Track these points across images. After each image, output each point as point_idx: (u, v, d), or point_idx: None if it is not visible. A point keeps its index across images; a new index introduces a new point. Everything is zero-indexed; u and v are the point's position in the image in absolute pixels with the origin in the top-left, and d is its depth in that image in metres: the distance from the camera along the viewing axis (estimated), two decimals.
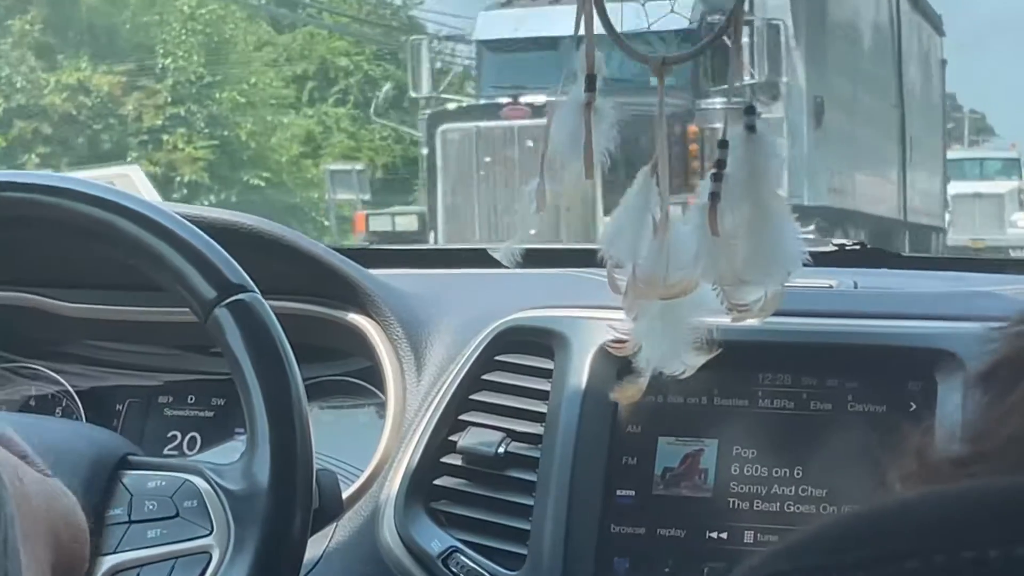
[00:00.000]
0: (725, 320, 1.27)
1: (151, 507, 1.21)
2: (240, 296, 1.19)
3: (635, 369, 1.28)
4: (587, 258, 1.65)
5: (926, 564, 0.37)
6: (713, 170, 1.21)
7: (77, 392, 1.65)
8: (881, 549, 0.38)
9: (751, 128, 1.20)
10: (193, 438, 1.62)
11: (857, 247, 1.81)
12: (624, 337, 1.31)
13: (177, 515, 1.20)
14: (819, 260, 1.33)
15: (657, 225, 1.23)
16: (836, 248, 1.80)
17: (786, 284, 1.25)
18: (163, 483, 1.22)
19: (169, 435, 1.63)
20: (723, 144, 1.21)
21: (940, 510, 0.39)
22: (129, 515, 1.21)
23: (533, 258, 1.61)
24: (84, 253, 1.48)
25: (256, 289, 1.20)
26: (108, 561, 1.18)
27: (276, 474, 1.15)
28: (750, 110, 1.21)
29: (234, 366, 1.18)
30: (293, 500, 1.15)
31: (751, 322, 1.29)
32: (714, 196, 1.20)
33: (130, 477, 1.23)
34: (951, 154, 27.93)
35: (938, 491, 0.42)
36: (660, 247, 1.22)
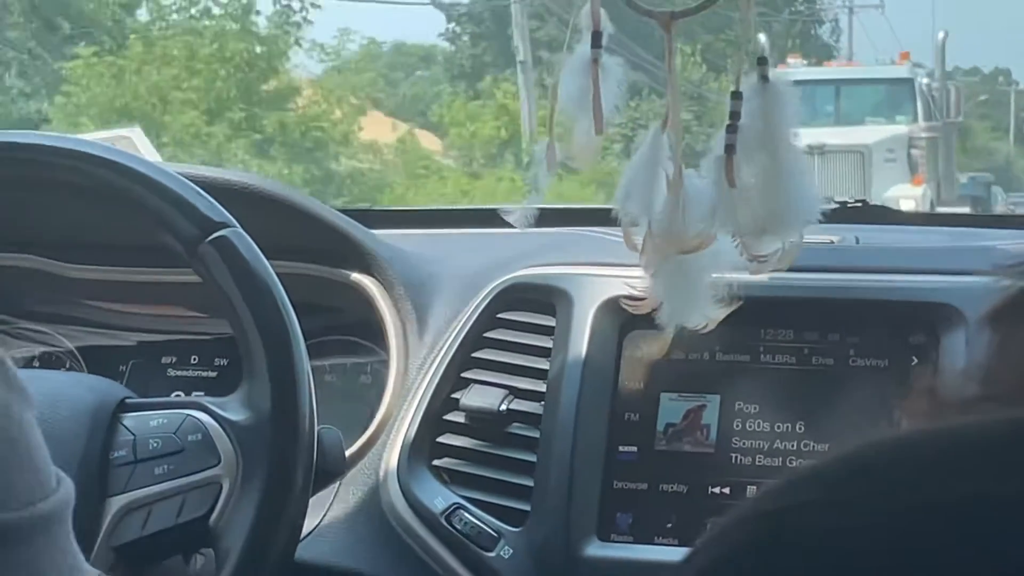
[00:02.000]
0: (742, 274, 1.28)
1: (155, 445, 1.21)
2: (223, 232, 1.20)
3: (656, 324, 1.28)
4: (591, 217, 1.66)
5: (927, 498, 0.37)
6: (728, 121, 1.21)
7: (81, 353, 1.66)
8: (882, 484, 0.38)
9: (764, 78, 1.20)
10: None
11: (859, 204, 1.81)
12: (641, 294, 1.31)
13: (183, 450, 1.21)
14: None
15: (670, 180, 1.23)
16: (838, 205, 1.80)
17: (804, 235, 1.26)
18: (165, 421, 1.23)
19: (173, 395, 1.63)
20: (737, 95, 1.21)
21: (944, 445, 0.39)
22: (134, 455, 1.21)
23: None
24: (85, 215, 1.48)
25: (238, 225, 1.21)
26: (117, 501, 1.19)
27: (277, 400, 1.16)
28: (762, 60, 1.20)
29: (224, 300, 1.19)
30: (297, 423, 1.16)
31: (768, 275, 1.30)
32: (730, 148, 1.20)
33: (131, 419, 1.24)
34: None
35: (941, 426, 0.42)
36: (675, 202, 1.22)
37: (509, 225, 1.54)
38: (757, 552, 0.39)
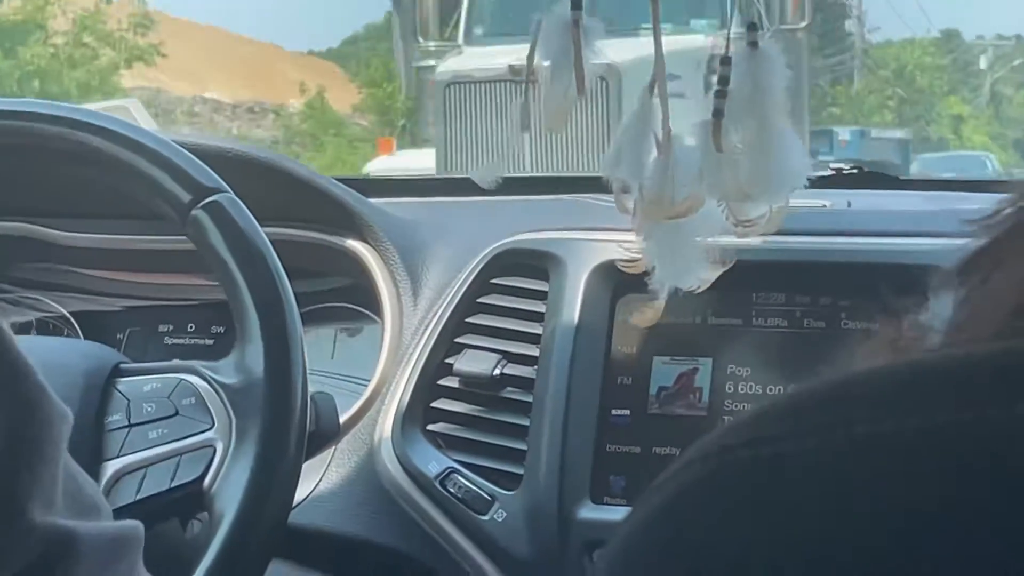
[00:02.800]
0: (731, 238, 1.28)
1: (149, 409, 1.22)
2: (215, 197, 1.20)
3: (649, 290, 1.29)
4: (583, 185, 1.66)
5: (875, 431, 0.37)
6: (717, 87, 1.21)
7: (77, 322, 1.66)
8: (833, 416, 0.38)
9: (754, 44, 1.20)
10: None
11: (855, 171, 1.81)
12: (636, 256, 1.31)
13: (176, 414, 1.21)
14: (815, 184, 1.33)
15: (660, 144, 1.23)
16: (834, 172, 1.80)
17: (790, 200, 1.26)
18: (159, 385, 1.24)
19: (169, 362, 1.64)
20: (726, 60, 1.21)
21: (914, 374, 0.39)
22: (128, 419, 1.22)
23: (530, 186, 1.62)
24: (77, 183, 1.48)
25: (231, 190, 1.21)
26: (112, 466, 1.20)
27: (270, 363, 1.16)
28: (752, 26, 1.20)
29: (217, 265, 1.19)
30: (289, 386, 1.16)
31: (760, 238, 1.30)
32: (718, 113, 1.20)
33: (125, 383, 1.25)
34: None
35: (910, 359, 0.43)
36: (664, 166, 1.22)
37: (504, 193, 1.55)
38: (718, 485, 0.40)
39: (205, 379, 1.22)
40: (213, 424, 1.20)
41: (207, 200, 1.20)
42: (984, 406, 0.36)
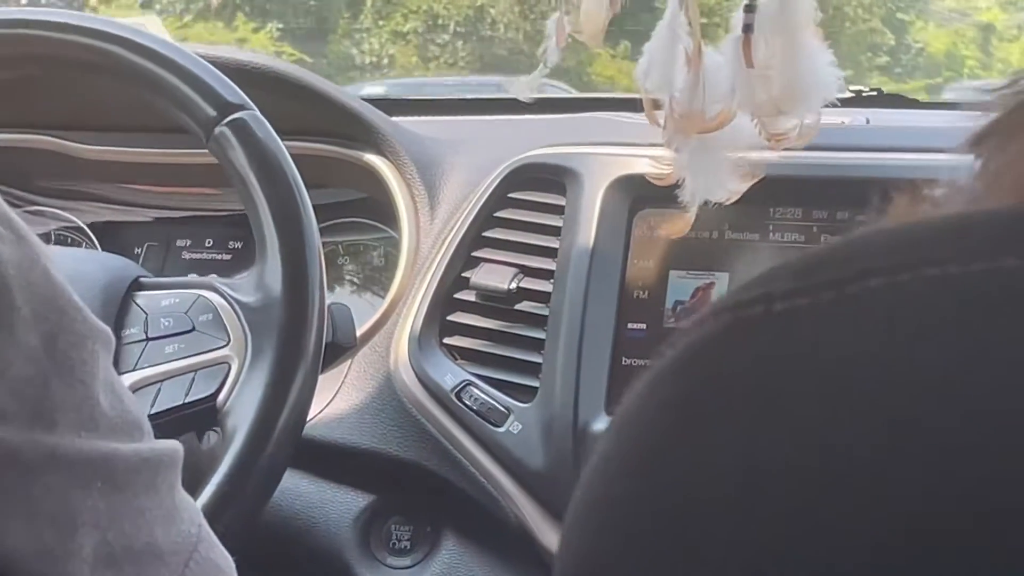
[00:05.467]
0: (761, 152, 1.28)
1: (167, 323, 1.23)
2: (239, 114, 1.21)
3: (666, 203, 1.29)
4: (609, 105, 1.65)
5: (890, 282, 0.37)
6: (746, 1, 1.20)
7: (96, 235, 1.67)
8: (848, 269, 0.38)
9: None
10: None
11: (874, 93, 1.81)
12: (665, 169, 1.31)
13: (193, 329, 1.22)
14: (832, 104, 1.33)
15: (689, 57, 1.23)
16: (853, 94, 1.79)
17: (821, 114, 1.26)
18: (177, 300, 1.24)
19: (188, 277, 1.64)
20: None
21: (907, 233, 0.39)
22: (146, 333, 1.23)
23: (550, 105, 1.61)
24: (98, 96, 1.48)
25: (255, 107, 1.21)
26: (128, 379, 1.20)
27: (288, 282, 1.17)
28: None
29: (239, 183, 1.20)
30: (307, 306, 1.17)
31: (783, 152, 1.30)
32: (747, 27, 1.20)
33: (143, 297, 1.25)
34: None
35: (919, 218, 0.43)
36: (695, 79, 1.22)
37: (526, 111, 1.55)
38: (730, 341, 0.40)
39: (223, 296, 1.23)
40: (229, 341, 1.20)
41: (232, 117, 1.20)
42: (996, 255, 0.36)
